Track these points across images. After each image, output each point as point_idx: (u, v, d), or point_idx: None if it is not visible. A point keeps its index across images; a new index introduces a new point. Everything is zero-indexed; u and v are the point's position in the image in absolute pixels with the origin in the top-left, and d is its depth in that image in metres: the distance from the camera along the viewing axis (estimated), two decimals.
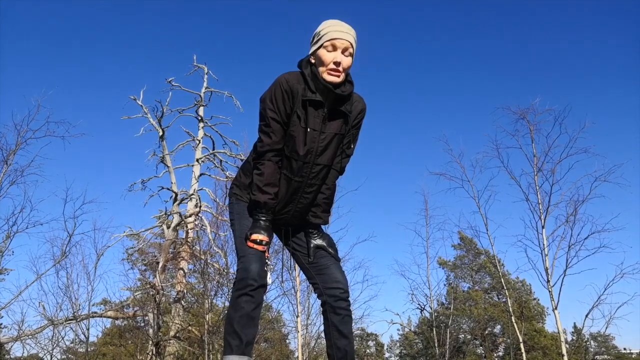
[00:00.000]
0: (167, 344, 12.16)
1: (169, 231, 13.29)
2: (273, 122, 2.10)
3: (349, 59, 2.10)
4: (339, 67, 2.06)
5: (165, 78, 14.72)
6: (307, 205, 2.29)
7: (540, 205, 10.74)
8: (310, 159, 2.15)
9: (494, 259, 13.41)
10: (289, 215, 2.29)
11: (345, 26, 2.11)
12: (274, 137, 2.11)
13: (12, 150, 10.55)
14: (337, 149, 2.21)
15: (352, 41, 2.09)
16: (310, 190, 2.24)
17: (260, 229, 2.11)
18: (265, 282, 2.09)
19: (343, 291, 2.22)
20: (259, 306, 2.09)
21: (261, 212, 2.14)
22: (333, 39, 2.07)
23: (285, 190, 2.21)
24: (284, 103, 2.08)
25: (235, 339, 2.03)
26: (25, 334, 11.54)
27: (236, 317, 2.04)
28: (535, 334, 23.56)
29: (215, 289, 13.09)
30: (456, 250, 25.89)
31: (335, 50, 2.07)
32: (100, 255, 12.50)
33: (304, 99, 2.08)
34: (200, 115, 15.53)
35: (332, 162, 2.22)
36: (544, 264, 10.36)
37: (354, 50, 2.12)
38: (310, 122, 2.10)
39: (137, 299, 13.27)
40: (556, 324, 10.26)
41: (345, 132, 2.19)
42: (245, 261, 2.09)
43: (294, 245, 2.39)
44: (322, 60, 2.08)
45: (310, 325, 13.89)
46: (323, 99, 2.09)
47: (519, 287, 25.66)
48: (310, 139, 2.12)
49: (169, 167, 14.20)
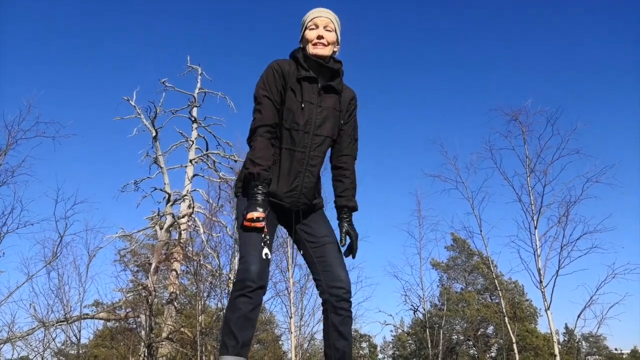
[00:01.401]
0: (159, 346, 12.09)
1: (161, 232, 13.23)
2: (264, 98, 2.21)
3: (331, 33, 2.31)
4: (322, 40, 2.28)
5: (159, 79, 14.70)
6: (314, 183, 2.31)
7: (533, 206, 10.78)
8: (310, 129, 2.24)
9: (488, 260, 13.45)
10: (298, 192, 2.26)
11: (324, 10, 2.36)
12: (264, 113, 2.20)
13: (2, 150, 10.44)
14: (336, 124, 2.33)
15: (331, 18, 2.33)
16: (314, 163, 2.28)
17: (256, 205, 2.09)
18: (264, 284, 2.07)
19: (346, 291, 2.22)
20: (257, 308, 2.07)
21: (256, 186, 2.12)
22: (314, 19, 2.32)
23: (289, 165, 2.23)
24: (276, 82, 2.23)
25: (231, 339, 2.02)
26: (15, 336, 11.42)
27: (233, 317, 2.03)
28: (527, 334, 23.68)
29: (208, 290, 13.03)
30: (449, 251, 25.98)
31: (317, 28, 2.30)
32: (92, 256, 12.37)
33: (298, 77, 2.24)
34: (193, 116, 15.49)
35: (332, 134, 2.31)
36: (537, 264, 10.40)
37: (336, 28, 2.34)
38: (306, 96, 2.23)
39: (129, 301, 13.19)
40: (549, 325, 10.30)
41: (340, 110, 2.33)
42: (245, 262, 2.07)
43: (304, 235, 2.35)
44: (307, 39, 2.30)
45: (303, 326, 13.86)
46: (315, 75, 2.26)
47: (512, 288, 25.79)
48: (307, 111, 2.23)
49: (162, 168, 14.14)
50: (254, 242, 2.10)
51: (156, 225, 13.63)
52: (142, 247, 16.13)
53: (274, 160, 2.23)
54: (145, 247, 16.24)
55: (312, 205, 2.36)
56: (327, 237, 2.32)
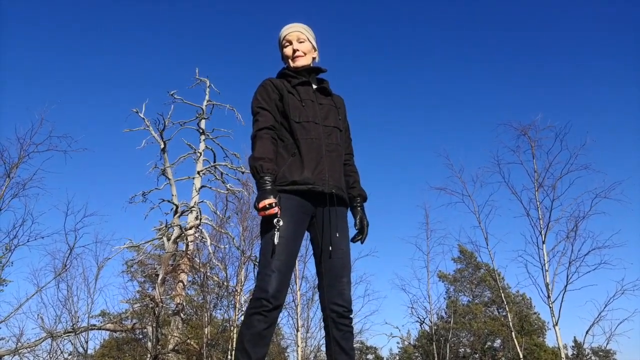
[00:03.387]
0: (165, 357, 12.09)
1: (169, 243, 13.29)
2: (261, 110, 2.34)
3: (304, 44, 2.50)
4: (298, 52, 2.48)
5: (168, 91, 14.82)
6: (339, 170, 2.37)
7: (541, 220, 10.77)
8: (318, 121, 2.37)
9: (494, 273, 13.39)
10: (324, 174, 2.28)
11: (293, 24, 2.54)
12: (263, 119, 2.32)
13: (14, 163, 10.57)
14: (337, 119, 2.47)
15: (300, 30, 2.51)
16: (331, 148, 2.36)
17: (265, 193, 2.12)
18: (281, 303, 2.10)
19: (346, 310, 2.25)
20: (272, 326, 2.09)
21: (262, 177, 2.16)
22: (285, 36, 2.52)
23: (308, 152, 2.28)
24: (270, 94, 2.37)
25: (244, 356, 2.05)
26: (23, 347, 11.48)
27: (247, 334, 2.06)
28: (535, 348, 23.42)
29: (215, 301, 13.05)
30: (456, 263, 25.84)
31: (291, 44, 2.50)
32: (101, 267, 12.47)
33: (293, 84, 2.42)
34: (201, 128, 15.60)
35: (337, 125, 2.45)
36: (545, 279, 10.36)
37: (308, 37, 2.52)
38: (304, 96, 2.40)
39: (136, 312, 13.22)
40: (557, 340, 10.23)
41: (337, 107, 2.51)
42: (262, 280, 2.09)
43: (327, 238, 2.30)
44: (286, 55, 2.52)
45: (309, 338, 13.83)
46: (306, 78, 2.47)
47: (519, 300, 25.57)
48: (309, 107, 2.38)
49: (170, 180, 14.23)
50: (274, 253, 2.11)
51: (164, 237, 13.69)
52: (150, 258, 16.19)
53: (293, 152, 2.28)
54: (153, 258, 16.30)
55: (343, 198, 2.38)
56: (343, 250, 2.32)
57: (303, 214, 2.27)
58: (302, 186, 2.23)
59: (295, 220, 2.20)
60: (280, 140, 2.32)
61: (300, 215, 2.25)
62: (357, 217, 2.46)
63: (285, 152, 2.30)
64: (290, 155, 2.28)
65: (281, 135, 2.33)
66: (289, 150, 2.29)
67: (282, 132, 2.33)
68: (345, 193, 2.41)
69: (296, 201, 2.23)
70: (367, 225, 2.46)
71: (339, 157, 2.39)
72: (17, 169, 10.53)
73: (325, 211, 2.32)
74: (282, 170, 2.25)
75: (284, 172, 2.25)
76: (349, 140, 2.60)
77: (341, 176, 2.40)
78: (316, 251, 2.36)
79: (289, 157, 2.28)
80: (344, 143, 2.48)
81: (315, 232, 2.35)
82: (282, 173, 2.25)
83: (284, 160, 2.28)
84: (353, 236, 2.43)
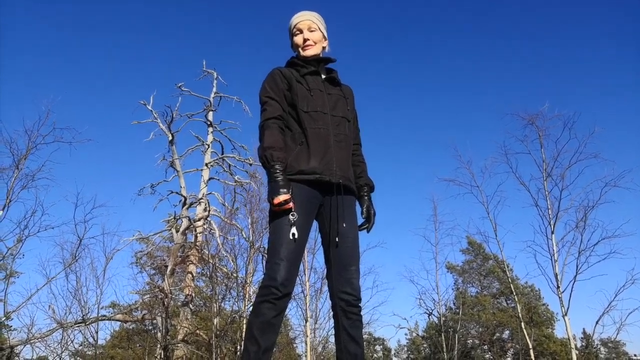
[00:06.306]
0: (175, 348, 12.18)
1: (177, 235, 13.34)
2: (269, 99, 2.32)
3: (315, 33, 2.46)
4: (309, 41, 2.44)
5: (175, 83, 14.81)
6: (347, 159, 2.36)
7: (550, 210, 10.70)
8: (327, 111, 2.35)
9: (503, 264, 13.33)
10: (332, 164, 2.26)
11: (304, 12, 2.49)
12: (271, 109, 2.30)
13: (23, 155, 10.62)
14: (346, 109, 2.44)
15: (312, 18, 2.47)
16: (339, 138, 2.33)
17: (279, 188, 2.11)
18: (290, 291, 2.09)
19: (355, 298, 2.24)
20: (281, 314, 2.09)
21: (272, 166, 2.15)
22: (297, 24, 2.47)
23: (316, 141, 2.27)
24: (278, 84, 2.35)
25: (253, 344, 2.04)
26: (34, 337, 11.60)
27: (257, 322, 2.05)
28: (544, 339, 23.37)
29: (224, 293, 13.11)
30: (464, 254, 25.80)
31: (302, 32, 2.45)
32: (110, 258, 12.56)
33: (302, 74, 2.39)
34: (209, 120, 15.60)
35: (346, 114, 2.42)
36: (554, 269, 10.30)
37: (319, 26, 2.48)
38: (312, 85, 2.38)
39: (146, 303, 13.31)
40: (566, 331, 10.19)
41: (346, 97, 2.48)
42: (272, 268, 2.09)
43: (335, 227, 2.29)
44: (296, 44, 2.48)
45: (318, 329, 13.87)
46: (315, 67, 2.44)
47: (528, 292, 25.49)
48: (318, 96, 2.36)
49: (178, 172, 14.26)
50: (283, 242, 2.10)
51: (172, 228, 13.74)
52: (159, 250, 16.27)
53: (300, 141, 2.27)
54: (162, 249, 16.39)
55: (351, 188, 2.37)
56: (351, 239, 2.30)
57: (312, 203, 2.27)
58: (310, 176, 2.22)
59: (305, 210, 2.20)
60: (288, 129, 2.32)
61: (310, 205, 2.25)
62: (364, 206, 2.45)
63: (292, 141, 2.29)
64: (297, 145, 2.27)
65: (289, 125, 2.32)
66: (296, 140, 2.28)
67: (290, 122, 2.32)
68: (353, 183, 2.40)
69: (306, 191, 2.23)
70: (374, 214, 2.45)
71: (348, 147, 2.37)
72: (25, 160, 10.58)
73: (333, 200, 2.31)
74: (290, 160, 2.24)
75: (291, 161, 2.24)
76: (356, 130, 2.58)
77: (349, 166, 2.38)
78: (325, 240, 2.35)
79: (296, 146, 2.27)
80: (352, 133, 2.46)
81: (323, 221, 2.35)
82: (289, 162, 2.24)
83: (292, 150, 2.27)
84: (360, 225, 2.42)
